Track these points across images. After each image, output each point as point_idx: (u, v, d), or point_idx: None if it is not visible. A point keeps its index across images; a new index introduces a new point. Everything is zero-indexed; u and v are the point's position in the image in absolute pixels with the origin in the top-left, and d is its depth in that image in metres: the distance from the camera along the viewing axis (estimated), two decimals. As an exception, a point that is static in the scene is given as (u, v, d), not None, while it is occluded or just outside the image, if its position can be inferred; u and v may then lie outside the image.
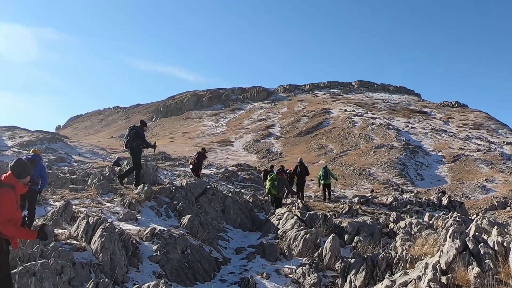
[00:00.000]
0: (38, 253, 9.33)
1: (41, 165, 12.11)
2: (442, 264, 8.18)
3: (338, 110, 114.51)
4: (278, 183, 18.37)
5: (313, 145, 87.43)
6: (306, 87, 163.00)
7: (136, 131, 16.54)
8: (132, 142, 16.39)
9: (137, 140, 16.43)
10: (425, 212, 20.44)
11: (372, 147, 76.78)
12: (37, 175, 11.78)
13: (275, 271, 12.05)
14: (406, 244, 12.02)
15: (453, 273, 7.77)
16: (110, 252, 10.03)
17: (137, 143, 16.44)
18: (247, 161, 72.86)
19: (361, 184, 58.04)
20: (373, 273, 10.44)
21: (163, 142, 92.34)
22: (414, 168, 67.46)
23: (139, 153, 16.83)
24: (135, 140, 16.40)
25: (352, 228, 14.60)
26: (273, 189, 18.45)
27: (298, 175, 24.52)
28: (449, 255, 8.15)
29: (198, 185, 17.55)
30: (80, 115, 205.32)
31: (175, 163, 57.75)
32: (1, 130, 70.90)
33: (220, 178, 43.38)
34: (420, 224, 14.74)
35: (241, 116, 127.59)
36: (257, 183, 45.61)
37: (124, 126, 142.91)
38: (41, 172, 12.00)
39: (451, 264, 8.01)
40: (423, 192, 50.84)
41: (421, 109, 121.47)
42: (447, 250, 8.28)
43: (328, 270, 12.06)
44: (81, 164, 52.30)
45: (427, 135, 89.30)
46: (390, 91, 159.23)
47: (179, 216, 14.33)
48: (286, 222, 15.36)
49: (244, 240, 15.35)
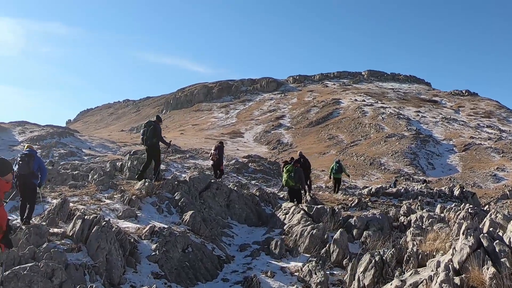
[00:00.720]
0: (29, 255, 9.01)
1: (38, 158, 12.03)
2: (455, 263, 7.69)
3: (348, 100, 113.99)
4: (294, 175, 17.99)
5: (323, 135, 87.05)
6: (316, 77, 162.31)
7: (154, 127, 16.05)
8: (151, 139, 15.97)
9: (156, 136, 15.99)
10: (437, 204, 19.94)
11: (383, 137, 76.35)
12: (36, 168, 11.73)
13: (281, 269, 11.57)
14: (417, 239, 11.56)
15: (467, 273, 7.30)
16: (106, 252, 9.59)
17: (157, 140, 16.06)
18: (258, 152, 72.59)
19: (372, 174, 57.58)
20: (383, 271, 9.98)
21: (173, 135, 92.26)
22: (425, 158, 67.05)
23: (159, 149, 16.56)
24: (154, 136, 15.96)
25: (361, 223, 14.11)
26: (290, 181, 18.02)
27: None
28: (462, 254, 7.65)
29: (202, 180, 17.06)
30: (90, 109, 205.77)
31: (185, 156, 57.61)
32: (11, 125, 70.90)
33: (231, 170, 43.07)
34: (431, 217, 14.22)
35: (251, 108, 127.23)
36: (268, 174, 45.30)
37: (135, 119, 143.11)
38: (39, 165, 11.91)
39: (465, 264, 7.52)
40: (434, 181, 50.24)
41: (432, 98, 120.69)
42: (460, 248, 7.78)
43: (335, 267, 11.61)
44: (92, 158, 52.26)
45: (437, 124, 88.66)
46: (400, 80, 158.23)
47: (181, 212, 13.88)
48: (293, 217, 14.90)
49: (249, 236, 14.87)
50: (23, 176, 11.57)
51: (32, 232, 9.75)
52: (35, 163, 11.73)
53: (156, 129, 16.03)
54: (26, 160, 11.66)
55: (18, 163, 11.71)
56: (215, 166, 22.22)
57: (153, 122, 16.20)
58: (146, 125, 16.24)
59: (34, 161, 11.73)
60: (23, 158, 11.73)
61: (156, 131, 16.00)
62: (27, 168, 11.58)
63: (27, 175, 11.58)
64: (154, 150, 16.27)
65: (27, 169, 11.58)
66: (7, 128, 67.46)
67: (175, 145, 64.79)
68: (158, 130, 16.09)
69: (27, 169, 11.59)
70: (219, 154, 21.62)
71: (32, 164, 11.63)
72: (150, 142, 16.00)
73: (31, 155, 11.80)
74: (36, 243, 9.53)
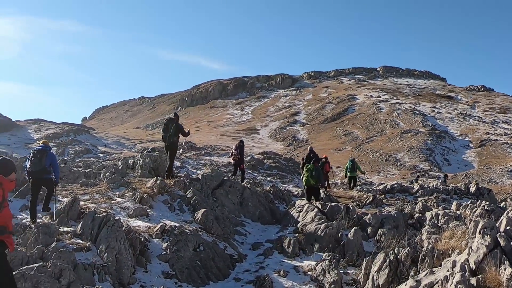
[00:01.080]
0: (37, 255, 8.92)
1: (51, 154, 12.08)
2: (471, 263, 7.46)
3: (363, 96, 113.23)
4: (315, 174, 17.91)
5: (339, 131, 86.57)
6: (331, 73, 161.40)
7: (177, 125, 16.14)
8: (174, 137, 16.07)
9: (178, 134, 16.12)
10: (453, 200, 19.61)
11: (398, 133, 75.80)
12: (48, 164, 11.77)
13: (293, 268, 11.40)
14: (433, 237, 11.32)
15: (483, 274, 7.07)
16: (115, 251, 9.47)
17: (177, 137, 16.20)
18: (273, 148, 72.34)
19: (387, 170, 57.16)
20: (397, 270, 9.77)
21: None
22: (440, 154, 66.45)
23: (177, 147, 16.74)
24: (176, 134, 16.07)
25: (376, 220, 13.88)
26: (311, 179, 17.85)
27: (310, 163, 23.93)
28: (478, 254, 7.42)
29: (215, 177, 16.87)
30: (106, 106, 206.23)
31: (201, 152, 57.54)
32: (27, 123, 71.32)
33: (246, 166, 42.79)
34: (447, 215, 13.93)
35: (266, 104, 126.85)
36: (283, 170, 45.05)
37: (150, 117, 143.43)
38: (51, 161, 11.94)
39: (481, 264, 7.29)
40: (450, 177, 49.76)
41: (447, 94, 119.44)
42: (477, 248, 7.56)
43: (349, 266, 11.41)
44: (107, 155, 52.42)
45: (453, 120, 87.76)
46: (416, 76, 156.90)
47: (194, 211, 13.73)
48: (306, 215, 14.70)
49: (262, 234, 14.70)
50: (36, 172, 11.64)
51: (41, 231, 9.67)
52: (47, 159, 11.76)
53: (179, 127, 16.14)
54: (38, 156, 11.69)
55: (30, 159, 11.76)
56: (236, 165, 22.25)
57: (174, 120, 16.26)
58: (168, 123, 16.26)
59: (46, 157, 11.75)
60: (35, 154, 11.76)
61: (179, 128, 16.11)
62: (39, 164, 11.60)
63: (40, 172, 11.63)
64: (173, 148, 16.36)
65: (39, 165, 11.60)
66: (23, 126, 67.89)
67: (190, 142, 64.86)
68: (181, 127, 16.23)
69: (39, 166, 11.60)
70: (240, 153, 21.74)
71: (44, 160, 11.65)
72: (172, 140, 16.11)
73: (43, 151, 11.82)
74: (45, 242, 9.45)
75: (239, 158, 21.64)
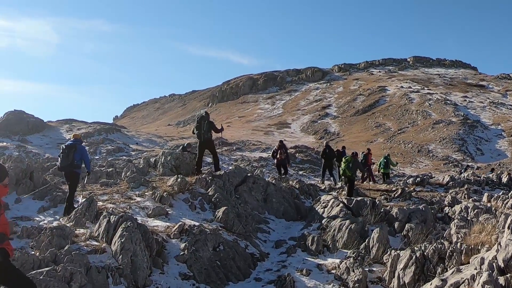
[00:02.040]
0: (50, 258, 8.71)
1: (81, 148, 12.67)
2: (499, 261, 7.00)
3: (394, 87, 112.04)
4: (352, 165, 18.28)
5: (370, 123, 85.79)
6: (361, 65, 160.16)
7: (210, 122, 16.79)
8: (207, 133, 16.72)
9: (211, 130, 16.77)
10: (484, 192, 18.94)
11: (430, 123, 74.87)
12: (78, 158, 12.45)
13: (317, 266, 11.00)
14: (462, 232, 10.86)
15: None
16: (130, 253, 9.20)
17: (211, 134, 16.91)
18: (305, 142, 72.06)
19: (420, 162, 56.34)
20: (424, 267, 9.34)
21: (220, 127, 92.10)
22: (473, 143, 65.47)
23: (213, 142, 17.46)
24: (209, 130, 16.72)
25: (403, 215, 13.39)
26: (348, 171, 18.31)
27: (325, 158, 24.53)
28: (507, 251, 6.96)
29: (238, 173, 16.51)
30: (137, 105, 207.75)
31: (232, 148, 57.48)
32: (59, 123, 72.00)
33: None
34: (477, 208, 13.39)
35: (297, 98, 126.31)
36: (315, 164, 44.74)
37: (181, 113, 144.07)
38: (82, 156, 12.58)
39: (510, 262, 6.81)
40: (483, 167, 48.71)
41: (478, 83, 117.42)
42: (506, 245, 7.09)
43: (375, 264, 10.92)
44: (139, 153, 52.61)
45: (485, 109, 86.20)
46: (446, 65, 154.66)
47: (215, 209, 13.41)
48: (331, 210, 14.28)
49: (286, 231, 14.30)
50: (64, 167, 12.41)
51: (55, 234, 9.47)
52: (76, 154, 12.40)
53: (212, 124, 16.78)
54: (66, 152, 12.36)
55: (60, 155, 12.54)
56: (284, 166, 23.00)
57: (206, 117, 16.87)
58: (200, 120, 16.81)
59: (75, 152, 12.41)
60: (64, 150, 12.46)
61: (212, 125, 16.75)
62: (66, 160, 12.31)
63: (67, 166, 12.34)
64: (210, 144, 17.02)
65: (66, 161, 12.31)
66: (55, 126, 68.51)
67: (222, 138, 64.86)
68: (213, 124, 16.86)
69: (67, 161, 12.31)
70: (286, 153, 22.93)
71: (72, 155, 12.31)
72: (207, 136, 16.73)
73: (72, 146, 12.49)
74: (59, 245, 9.24)
75: (285, 156, 22.49)
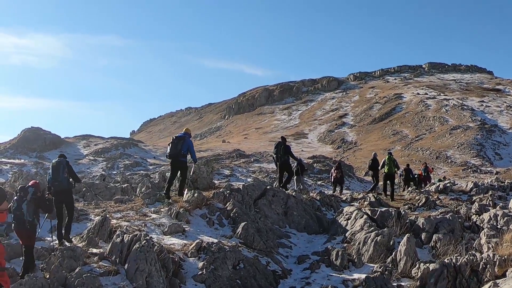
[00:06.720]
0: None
1: (189, 141, 14.07)
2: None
3: (410, 94, 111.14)
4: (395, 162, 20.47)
5: (387, 131, 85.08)
6: (376, 73, 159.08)
7: (285, 146, 18.95)
8: (284, 156, 18.78)
9: (287, 154, 18.86)
10: (509, 198, 18.17)
11: (448, 129, 74.09)
12: (185, 149, 13.89)
13: (342, 282, 10.44)
14: (493, 241, 10.28)
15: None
16: (145, 274, 8.70)
17: (288, 157, 18.97)
18: (322, 152, 71.43)
19: (439, 168, 55.50)
20: (456, 281, 8.75)
21: (237, 140, 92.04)
22: (491, 148, 64.76)
23: (290, 163, 19.83)
24: (285, 153, 18.79)
25: (430, 225, 12.77)
26: (394, 167, 20.24)
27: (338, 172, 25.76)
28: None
29: (257, 186, 15.96)
30: (153, 119, 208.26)
31: (250, 160, 56.98)
32: (76, 139, 72.06)
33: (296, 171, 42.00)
34: (506, 215, 12.73)
35: (313, 108, 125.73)
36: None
37: (198, 127, 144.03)
38: (188, 147, 13.97)
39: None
40: (502, 172, 47.86)
41: (495, 87, 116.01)
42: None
43: (403, 278, 10.32)
44: (157, 167, 52.35)
45: (502, 113, 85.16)
46: (462, 71, 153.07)
47: (234, 224, 12.85)
48: (355, 222, 13.68)
49: (308, 245, 13.68)
50: (172, 155, 13.91)
51: (65, 255, 8.96)
52: (184, 145, 13.87)
53: (287, 148, 18.98)
54: (175, 142, 13.89)
55: (169, 144, 14.06)
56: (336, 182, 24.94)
57: (283, 142, 19.01)
58: (277, 145, 19.03)
59: (183, 143, 13.90)
60: (173, 140, 13.97)
61: (287, 149, 18.92)
62: (175, 149, 13.81)
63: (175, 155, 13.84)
64: (287, 166, 19.31)
65: (175, 150, 13.81)
66: (72, 142, 68.60)
67: (239, 150, 64.34)
68: (288, 148, 19.09)
69: (175, 150, 13.80)
70: (342, 171, 25.25)
71: (180, 146, 13.83)
72: (283, 159, 18.87)
73: (181, 138, 14.01)
74: (70, 267, 8.74)
75: (341, 175, 24.57)
